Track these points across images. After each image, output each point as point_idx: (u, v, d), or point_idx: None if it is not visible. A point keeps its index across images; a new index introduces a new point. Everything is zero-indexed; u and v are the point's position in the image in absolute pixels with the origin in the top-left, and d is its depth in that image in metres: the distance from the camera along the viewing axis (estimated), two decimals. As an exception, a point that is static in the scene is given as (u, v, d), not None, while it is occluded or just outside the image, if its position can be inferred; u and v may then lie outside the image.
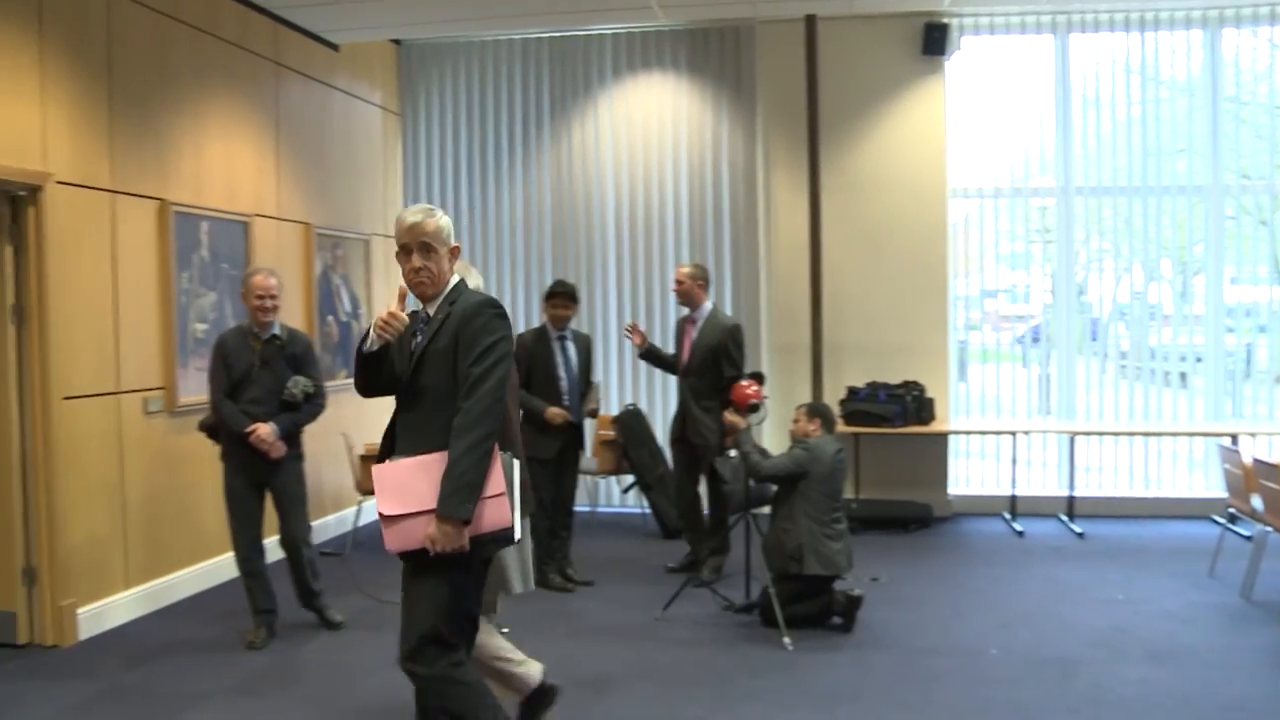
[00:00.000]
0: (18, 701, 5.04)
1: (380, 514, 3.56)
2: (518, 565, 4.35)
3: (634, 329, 7.27)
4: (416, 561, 3.56)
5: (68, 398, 5.93)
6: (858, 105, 9.04)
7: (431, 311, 3.70)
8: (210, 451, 6.01)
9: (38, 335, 5.77)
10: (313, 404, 5.94)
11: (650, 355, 7.39)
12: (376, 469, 3.64)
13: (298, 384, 5.83)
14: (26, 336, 5.79)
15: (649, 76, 9.35)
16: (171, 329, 6.69)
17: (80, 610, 5.97)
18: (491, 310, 3.60)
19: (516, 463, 3.65)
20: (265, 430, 5.68)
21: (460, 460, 3.41)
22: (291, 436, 5.87)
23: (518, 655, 4.37)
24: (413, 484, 3.51)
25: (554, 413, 6.70)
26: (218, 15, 7.23)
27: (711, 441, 6.83)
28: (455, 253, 3.76)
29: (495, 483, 3.47)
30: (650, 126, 9.35)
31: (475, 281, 4.39)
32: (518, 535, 3.60)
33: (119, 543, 6.31)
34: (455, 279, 3.77)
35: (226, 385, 5.77)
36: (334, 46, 8.70)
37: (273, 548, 6.07)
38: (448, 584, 3.56)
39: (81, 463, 6.04)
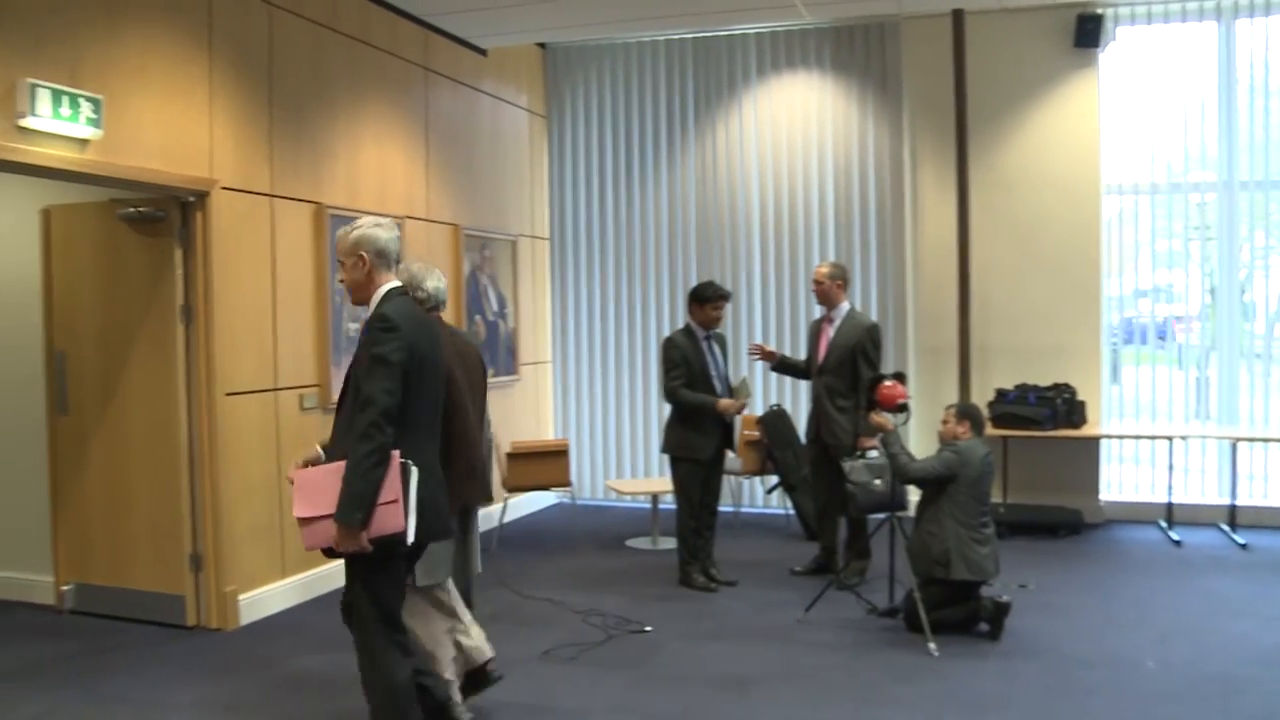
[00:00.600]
0: (198, 679, 5.28)
1: (295, 516, 3.80)
2: (433, 558, 4.45)
3: (760, 350, 7.24)
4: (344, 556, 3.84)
5: (230, 394, 6.18)
6: (1007, 100, 8.84)
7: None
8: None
9: (203, 334, 6.03)
10: None
11: (782, 367, 7.40)
12: (297, 474, 3.88)
13: None
14: (194, 335, 6.06)
15: (793, 75, 9.31)
16: (326, 328, 6.91)
17: (241, 597, 6.22)
18: (379, 324, 3.78)
19: (415, 471, 3.77)
20: None
21: (349, 472, 3.66)
22: None
23: (467, 630, 4.67)
24: (324, 489, 3.72)
25: (726, 403, 6.73)
26: (370, 24, 7.45)
27: (844, 441, 6.77)
28: (363, 262, 3.95)
29: (389, 490, 3.68)
30: (794, 126, 9.31)
31: (434, 283, 4.70)
32: (410, 539, 3.76)
33: (276, 533, 6.54)
34: (387, 287, 3.95)
35: None
36: (482, 51, 8.87)
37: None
38: (363, 577, 3.88)
39: (242, 456, 6.28)
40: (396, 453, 3.73)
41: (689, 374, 6.74)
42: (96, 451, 6.35)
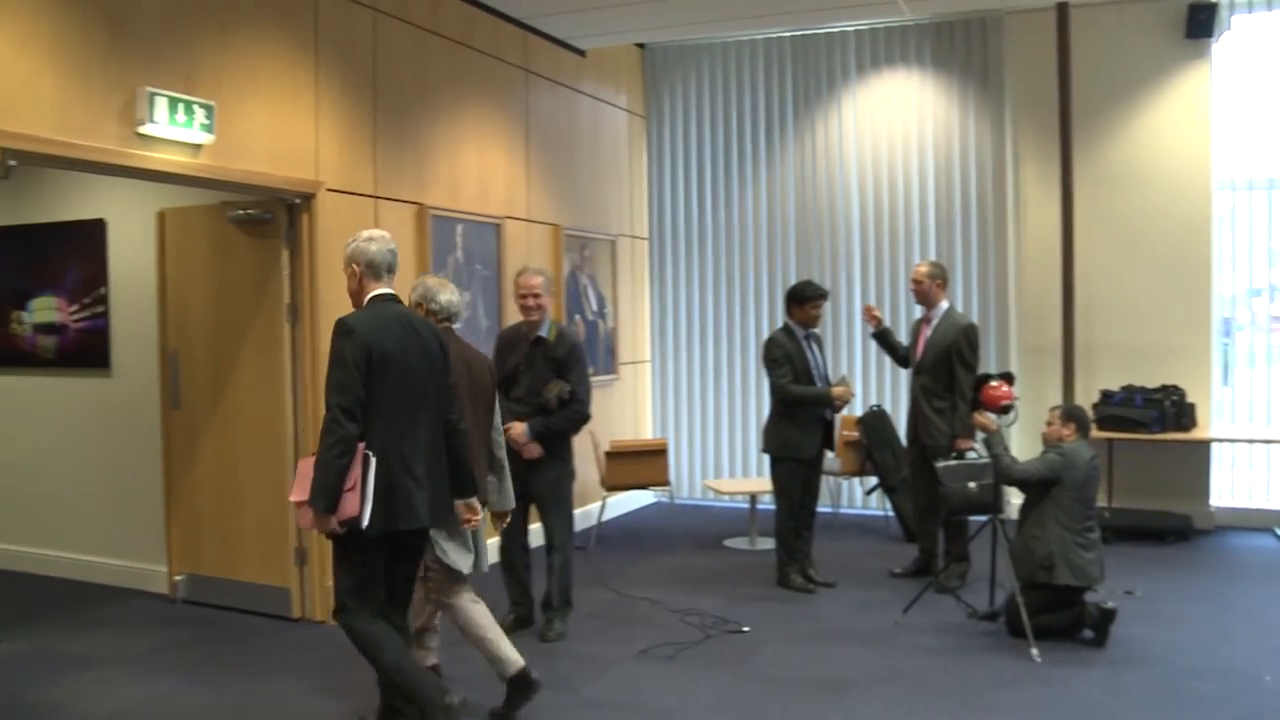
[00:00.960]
0: (303, 669, 5.41)
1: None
2: (460, 546, 4.76)
3: (871, 310, 7.29)
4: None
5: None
6: (1114, 94, 8.63)
7: None
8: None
9: (309, 332, 6.16)
10: (568, 409, 5.83)
11: (882, 337, 7.34)
12: (300, 462, 4.38)
13: (552, 388, 5.79)
14: (299, 334, 6.20)
15: (892, 72, 9.22)
16: (429, 328, 7.01)
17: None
18: (337, 329, 4.17)
19: (373, 461, 4.10)
20: (518, 429, 5.76)
21: (317, 462, 4.09)
22: (548, 440, 5.84)
23: (496, 639, 4.80)
24: (309, 477, 4.13)
25: (839, 390, 6.70)
26: (472, 27, 7.54)
27: (940, 442, 6.69)
28: (355, 273, 4.34)
29: (350, 478, 4.06)
30: (894, 123, 9.22)
31: (446, 297, 4.95)
32: (364, 524, 4.07)
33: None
34: (372, 294, 4.32)
35: (500, 378, 5.96)
36: (581, 52, 8.93)
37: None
38: (342, 559, 4.28)
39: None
40: (362, 445, 4.10)
41: (793, 372, 6.72)
42: (207, 446, 6.54)
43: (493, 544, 6.01)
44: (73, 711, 4.96)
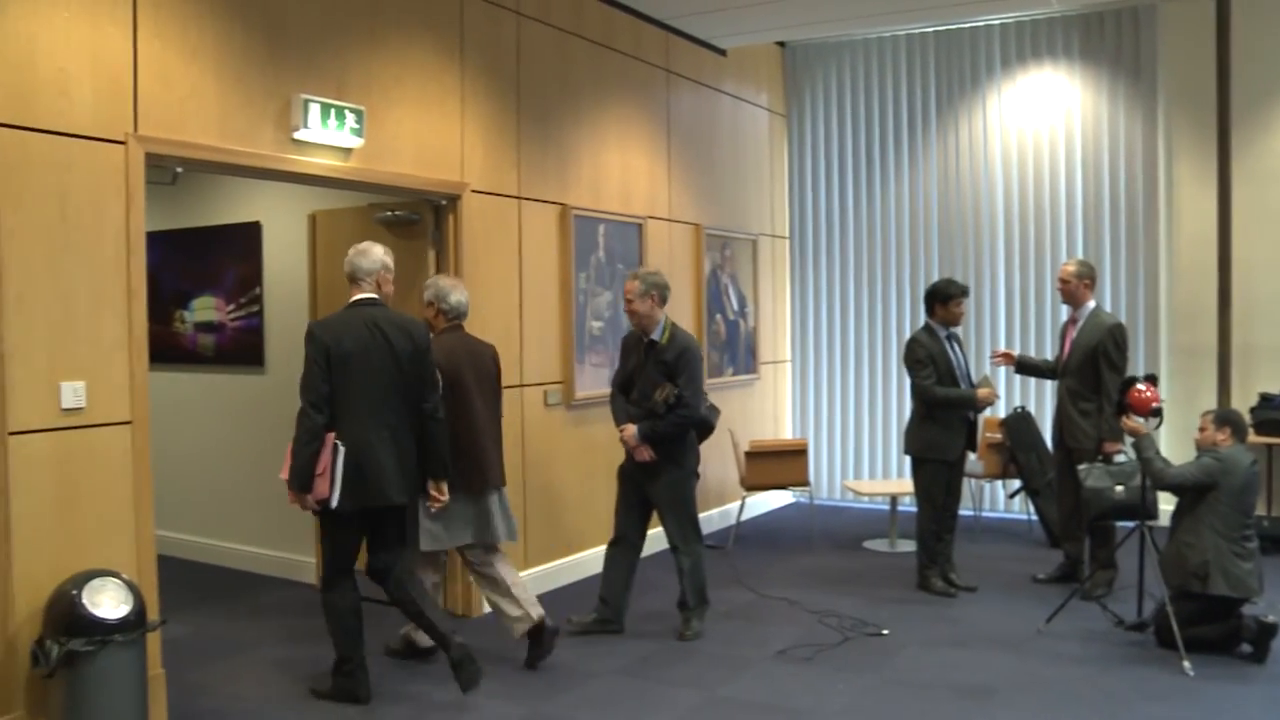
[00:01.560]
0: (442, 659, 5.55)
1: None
2: (431, 528, 5.36)
3: (1000, 355, 7.17)
4: None
5: (480, 390, 6.43)
6: (1276, 85, 8.27)
7: None
8: (604, 442, 6.31)
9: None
10: (675, 414, 5.78)
11: (1023, 368, 7.22)
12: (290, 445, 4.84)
13: (660, 391, 5.77)
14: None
15: (1039, 67, 8.99)
16: (570, 326, 7.12)
17: (487, 586, 6.47)
18: (306, 334, 4.87)
19: (342, 449, 4.73)
20: (630, 431, 5.82)
21: (290, 449, 4.78)
22: (661, 443, 5.83)
23: (514, 601, 5.46)
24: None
25: (985, 392, 6.63)
26: (614, 29, 7.61)
27: (1086, 446, 6.51)
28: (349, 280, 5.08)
29: (321, 464, 4.71)
30: (1041, 119, 8.99)
31: (456, 298, 5.58)
32: (334, 504, 4.73)
33: (520, 524, 6.76)
34: (351, 299, 5.05)
35: (621, 379, 6.06)
36: (721, 52, 8.94)
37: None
38: (322, 536, 5.17)
39: (490, 450, 6.53)
40: (332, 435, 4.74)
41: (937, 373, 6.63)
42: (356, 442, 6.72)
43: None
44: (224, 693, 5.18)
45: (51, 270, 4.31)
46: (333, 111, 5.40)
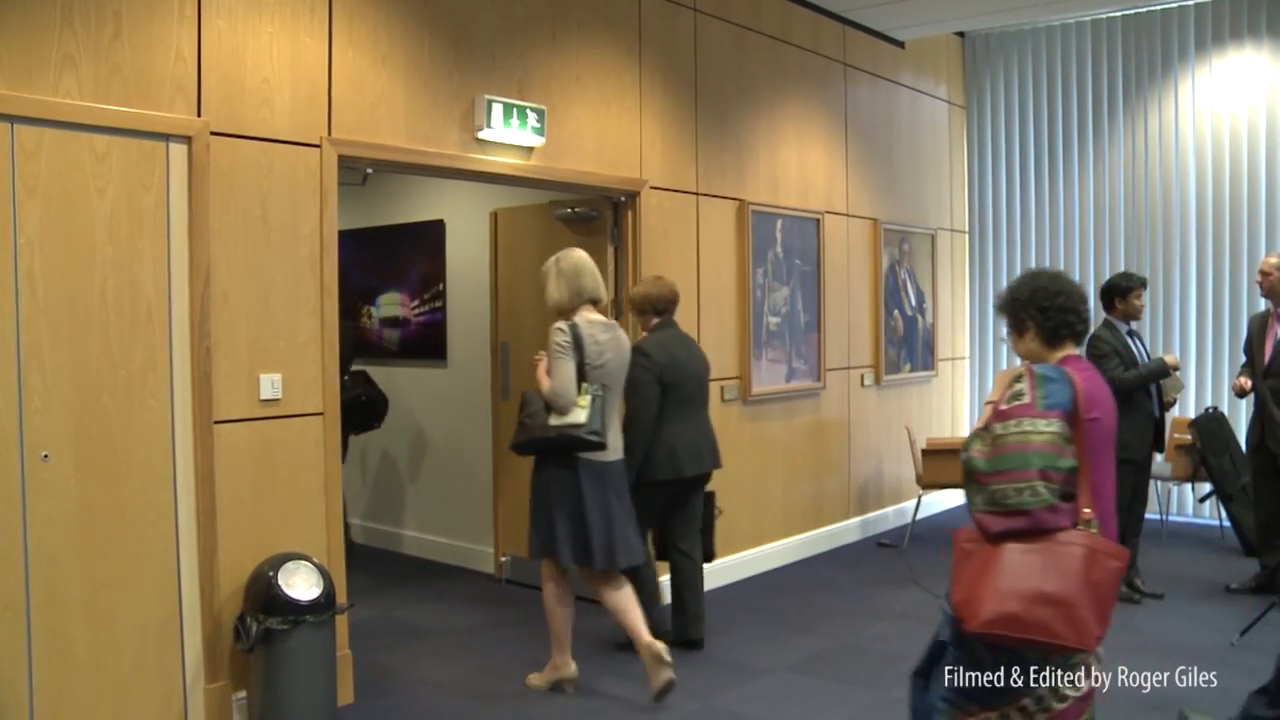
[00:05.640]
0: (611, 651, 5.63)
1: None
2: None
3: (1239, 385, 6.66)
4: None
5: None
6: None
7: None
8: (780, 438, 6.26)
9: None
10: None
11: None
12: None
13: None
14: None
15: (1238, 48, 8.51)
16: (747, 322, 7.11)
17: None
18: None
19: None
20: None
21: None
22: None
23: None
24: None
25: (1172, 359, 6.41)
26: (791, 23, 7.58)
27: (1291, 450, 6.19)
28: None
29: None
30: (1238, 103, 8.51)
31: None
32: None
33: (695, 520, 6.80)
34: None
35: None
36: (899, 44, 8.80)
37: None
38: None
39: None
40: None
41: (1122, 366, 6.39)
42: (534, 434, 6.86)
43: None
44: (406, 678, 5.36)
45: (253, 268, 4.54)
46: (515, 111, 5.53)
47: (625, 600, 5.03)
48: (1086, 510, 2.91)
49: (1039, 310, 3.21)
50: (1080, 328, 3.25)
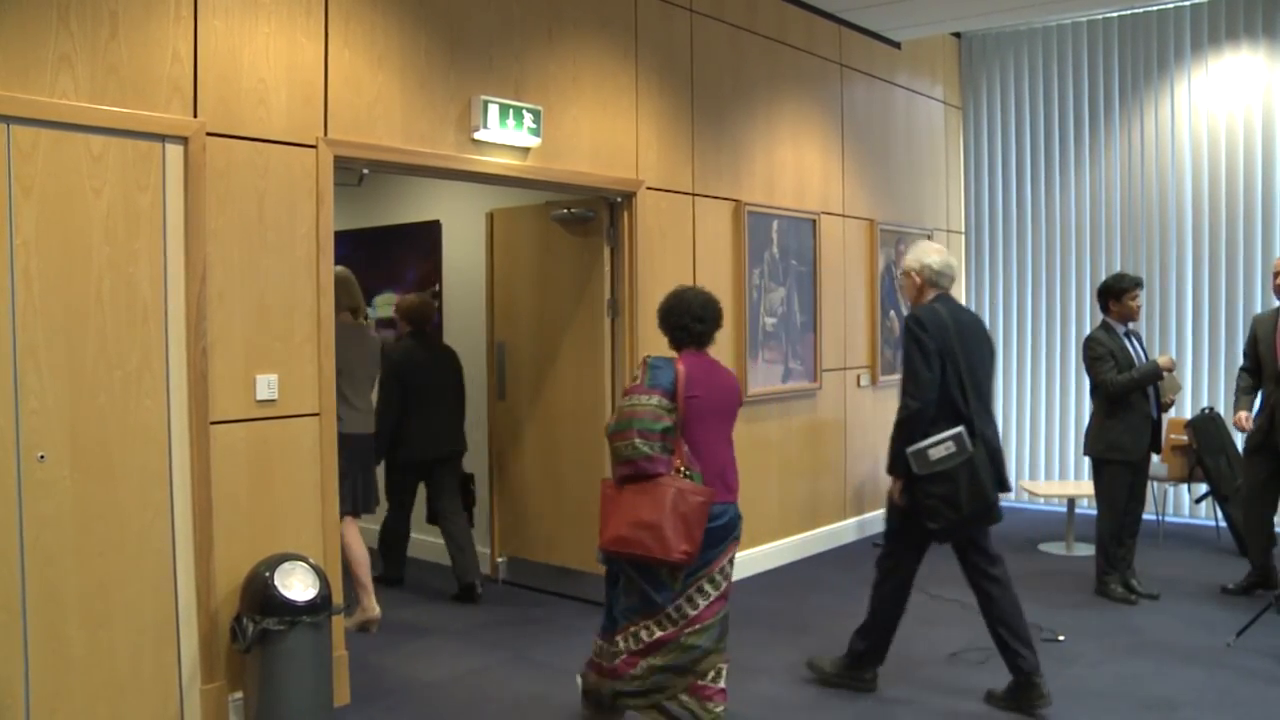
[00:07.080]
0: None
1: None
2: None
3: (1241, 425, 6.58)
4: None
5: (651, 385, 6.50)
6: None
7: None
8: (776, 439, 6.24)
9: (628, 327, 6.38)
10: None
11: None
12: None
13: None
14: (619, 328, 6.42)
15: (1234, 49, 8.53)
16: (744, 324, 7.12)
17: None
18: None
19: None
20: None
21: None
22: None
23: None
24: None
25: (1165, 360, 6.38)
26: (787, 24, 7.58)
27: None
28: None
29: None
30: (1235, 104, 8.54)
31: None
32: None
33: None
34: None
35: None
36: (895, 44, 8.81)
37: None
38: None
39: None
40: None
41: (1118, 368, 6.40)
42: (529, 435, 6.88)
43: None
44: (401, 675, 5.37)
45: (249, 269, 4.54)
46: (511, 112, 5.53)
47: None
48: (677, 461, 4.06)
49: (662, 323, 4.39)
50: (695, 330, 4.33)
